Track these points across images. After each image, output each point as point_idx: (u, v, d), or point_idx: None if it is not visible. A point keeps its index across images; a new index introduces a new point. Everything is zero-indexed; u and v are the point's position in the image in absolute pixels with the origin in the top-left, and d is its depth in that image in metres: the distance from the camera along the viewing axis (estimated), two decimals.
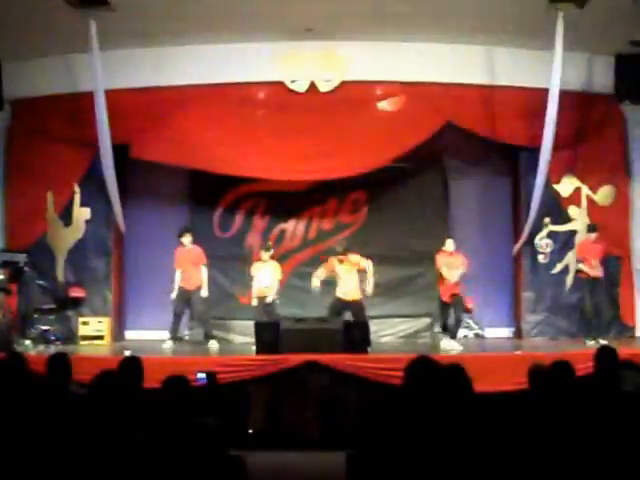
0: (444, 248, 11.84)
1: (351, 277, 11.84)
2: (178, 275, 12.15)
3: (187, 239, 12.24)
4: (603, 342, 11.31)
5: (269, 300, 12.02)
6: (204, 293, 12.14)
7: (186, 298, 12.17)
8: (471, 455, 3.80)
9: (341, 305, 11.83)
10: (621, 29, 11.19)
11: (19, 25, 11.16)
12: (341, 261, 11.86)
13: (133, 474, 3.89)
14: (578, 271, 12.31)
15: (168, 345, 11.92)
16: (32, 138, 12.91)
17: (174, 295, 12.09)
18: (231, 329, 13.13)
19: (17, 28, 11.26)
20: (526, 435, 4.21)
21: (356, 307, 11.81)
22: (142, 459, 3.94)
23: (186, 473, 3.99)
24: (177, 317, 12.27)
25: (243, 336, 12.78)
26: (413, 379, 4.47)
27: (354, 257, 11.90)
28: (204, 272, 12.22)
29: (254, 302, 12.09)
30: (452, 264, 11.76)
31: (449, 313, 11.98)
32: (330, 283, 12.13)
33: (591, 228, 12.34)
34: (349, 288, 11.82)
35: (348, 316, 11.80)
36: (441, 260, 11.78)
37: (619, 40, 11.41)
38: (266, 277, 12.11)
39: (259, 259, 12.32)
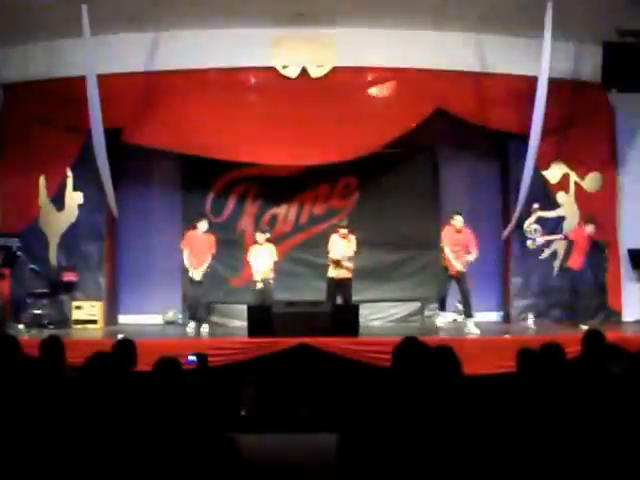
0: (453, 222, 11.95)
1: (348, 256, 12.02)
2: (186, 255, 12.09)
3: (203, 225, 12.20)
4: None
5: (263, 283, 12.05)
6: (197, 276, 12.06)
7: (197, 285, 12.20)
8: (460, 437, 3.80)
9: (335, 285, 11.98)
10: (608, 18, 11.25)
11: (11, 10, 11.13)
12: (344, 237, 11.99)
13: (127, 456, 3.92)
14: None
15: (191, 328, 12.03)
16: (24, 122, 12.90)
17: (198, 276, 12.04)
18: (223, 312, 13.20)
19: (9, 13, 11.23)
20: (514, 417, 4.28)
21: (347, 286, 11.99)
22: (136, 441, 3.98)
23: (180, 454, 4.03)
24: (193, 299, 12.28)
25: (236, 319, 12.88)
26: (401, 361, 4.50)
27: (353, 239, 12.09)
28: (208, 260, 12.23)
29: (258, 285, 12.03)
30: (459, 240, 11.90)
31: (449, 287, 12.11)
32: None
33: (589, 219, 12.60)
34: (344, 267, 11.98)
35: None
36: (448, 238, 11.92)
37: (607, 29, 11.46)
38: (263, 260, 12.15)
39: (255, 242, 12.33)
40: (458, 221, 11.89)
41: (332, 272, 12.04)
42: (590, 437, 4.13)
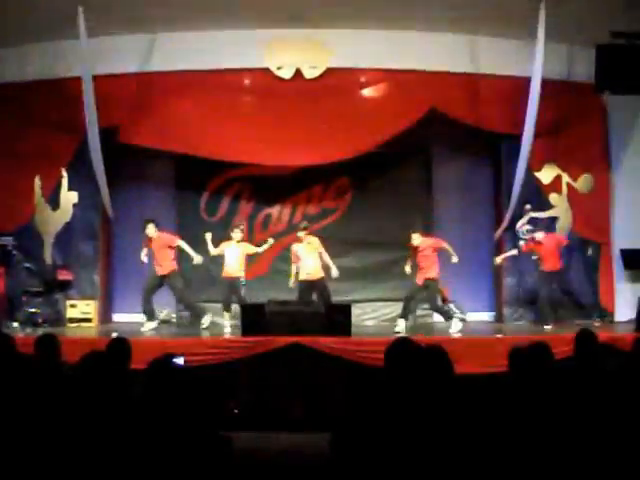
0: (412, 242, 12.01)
1: (312, 257, 12.06)
2: (143, 254, 12.13)
3: (150, 230, 12.17)
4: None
5: (235, 280, 12.20)
6: (197, 259, 12.13)
7: (158, 282, 12.19)
8: (452, 436, 3.81)
9: (307, 286, 12.04)
10: (602, 20, 11.30)
11: (6, 11, 11.19)
12: (300, 240, 12.08)
13: (121, 454, 3.94)
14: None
15: (148, 327, 12.00)
16: (20, 123, 12.93)
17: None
18: (217, 311, 13.23)
19: (4, 14, 11.29)
20: (505, 416, 4.30)
21: (321, 285, 12.04)
22: (130, 439, 4.00)
23: (173, 453, 4.06)
24: (146, 297, 12.19)
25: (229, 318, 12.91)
26: (393, 360, 4.51)
27: (314, 240, 12.17)
28: (183, 244, 12.19)
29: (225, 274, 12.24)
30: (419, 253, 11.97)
31: (418, 297, 12.25)
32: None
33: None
34: (311, 267, 12.03)
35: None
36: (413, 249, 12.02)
37: (600, 31, 11.51)
38: (233, 257, 12.23)
39: (229, 238, 12.36)
40: (414, 239, 11.96)
41: (302, 275, 12.11)
42: (582, 436, 4.16)
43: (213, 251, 12.26)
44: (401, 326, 11.85)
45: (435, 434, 3.83)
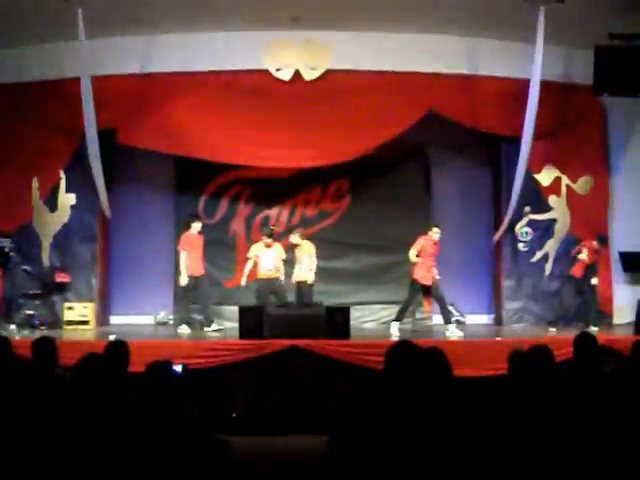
0: (431, 234, 11.89)
1: (305, 260, 12.16)
2: (184, 259, 12.05)
3: (198, 226, 12.25)
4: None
5: (275, 281, 12.16)
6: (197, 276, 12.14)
7: (193, 284, 12.17)
8: (451, 439, 3.82)
9: (299, 288, 12.14)
10: (600, 22, 11.30)
11: (5, 12, 11.15)
12: (294, 246, 12.21)
13: (119, 458, 3.93)
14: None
15: (185, 330, 12.00)
16: (18, 124, 12.90)
17: (184, 281, 12.07)
18: (217, 314, 13.21)
19: (3, 15, 11.26)
20: (504, 419, 4.30)
21: (307, 289, 12.13)
22: (128, 443, 3.99)
23: (170, 457, 4.04)
24: (188, 303, 12.32)
25: (228, 321, 12.87)
26: (394, 363, 4.50)
27: (308, 244, 12.29)
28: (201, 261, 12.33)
29: (255, 283, 12.18)
30: (433, 253, 11.92)
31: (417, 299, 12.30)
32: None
33: (601, 239, 12.57)
34: (303, 270, 12.14)
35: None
36: (427, 248, 11.90)
37: (598, 33, 11.51)
38: (271, 260, 12.14)
39: (260, 240, 12.34)
40: (437, 234, 11.90)
41: (297, 276, 12.26)
42: (581, 438, 4.15)
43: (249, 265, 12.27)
44: (395, 329, 11.85)
45: (434, 437, 3.82)
